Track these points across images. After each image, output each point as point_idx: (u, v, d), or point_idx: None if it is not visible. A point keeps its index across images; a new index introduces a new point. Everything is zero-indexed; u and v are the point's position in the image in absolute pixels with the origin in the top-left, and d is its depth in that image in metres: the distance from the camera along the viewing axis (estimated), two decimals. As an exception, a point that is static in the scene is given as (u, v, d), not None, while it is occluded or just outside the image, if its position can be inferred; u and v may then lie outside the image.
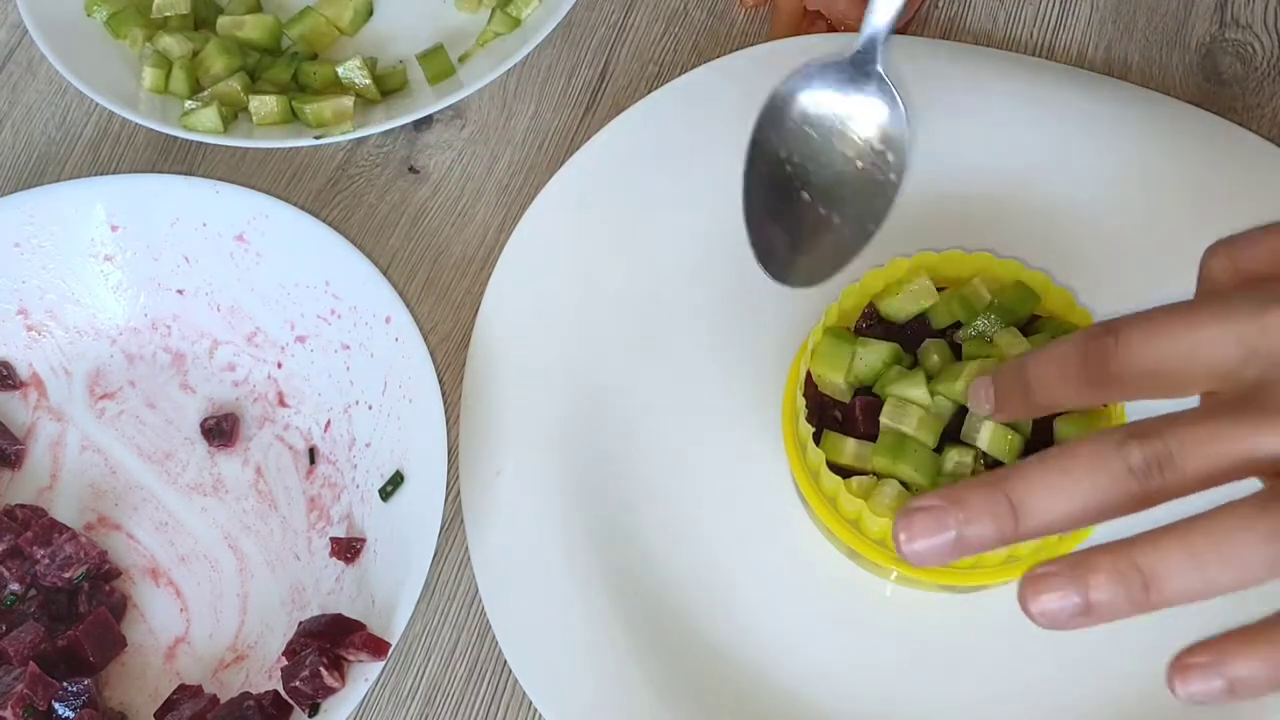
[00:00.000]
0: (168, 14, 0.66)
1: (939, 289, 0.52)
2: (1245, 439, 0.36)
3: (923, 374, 0.49)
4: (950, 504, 0.37)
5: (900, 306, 0.51)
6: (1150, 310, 0.38)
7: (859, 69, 0.50)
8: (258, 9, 0.67)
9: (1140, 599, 0.35)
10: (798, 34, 0.64)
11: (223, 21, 0.66)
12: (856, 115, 0.50)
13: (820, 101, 0.50)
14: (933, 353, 0.50)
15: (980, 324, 0.50)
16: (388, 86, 0.64)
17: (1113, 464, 0.36)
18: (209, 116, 0.62)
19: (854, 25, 0.64)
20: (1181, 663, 0.36)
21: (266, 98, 0.62)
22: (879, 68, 0.49)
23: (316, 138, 0.61)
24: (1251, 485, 0.36)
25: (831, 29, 0.65)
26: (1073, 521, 0.37)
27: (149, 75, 0.64)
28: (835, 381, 0.50)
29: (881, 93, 0.50)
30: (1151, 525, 0.36)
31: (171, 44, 0.64)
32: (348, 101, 0.62)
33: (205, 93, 0.63)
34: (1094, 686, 0.51)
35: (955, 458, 0.48)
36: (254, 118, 0.63)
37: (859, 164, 0.50)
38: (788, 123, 0.50)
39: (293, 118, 0.63)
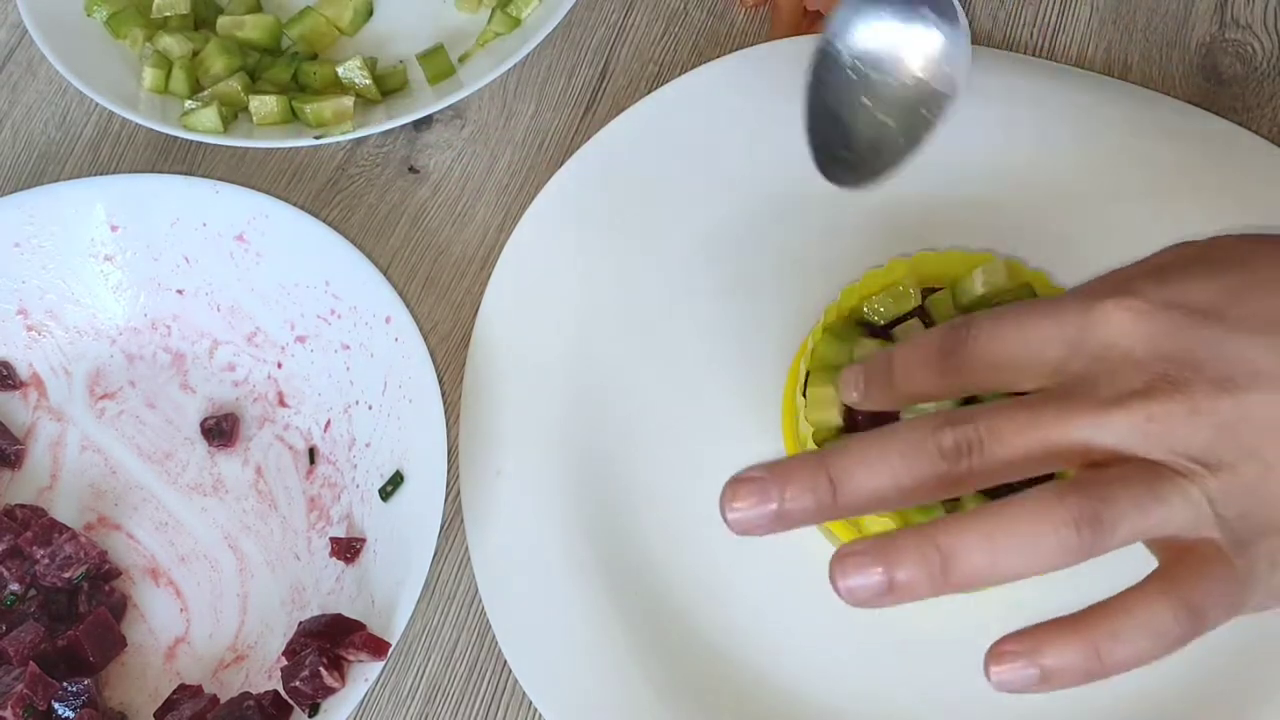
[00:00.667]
0: (168, 14, 0.66)
1: (937, 289, 0.52)
2: (1053, 427, 0.37)
3: None
4: (774, 477, 0.38)
5: (882, 308, 0.51)
6: (1002, 307, 0.40)
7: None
8: (258, 9, 0.67)
9: (939, 580, 0.36)
10: (798, 34, 0.64)
11: (223, 21, 0.66)
12: (919, 31, 0.50)
13: (887, 15, 0.50)
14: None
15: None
16: (388, 86, 0.64)
17: (926, 445, 0.37)
18: (209, 116, 0.62)
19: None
20: (997, 650, 0.37)
21: (266, 98, 0.62)
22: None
23: (316, 138, 0.61)
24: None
25: (832, 28, 0.65)
26: (887, 499, 0.38)
27: (149, 75, 0.64)
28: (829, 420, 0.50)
29: (944, 10, 0.50)
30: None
31: (172, 44, 0.64)
32: (348, 101, 0.62)
33: (205, 93, 0.63)
34: (1093, 686, 0.51)
35: None
36: (254, 117, 0.63)
37: (919, 75, 0.51)
38: (856, 31, 0.51)
39: (293, 118, 0.63)
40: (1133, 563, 0.38)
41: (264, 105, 0.62)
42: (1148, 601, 0.37)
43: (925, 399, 0.43)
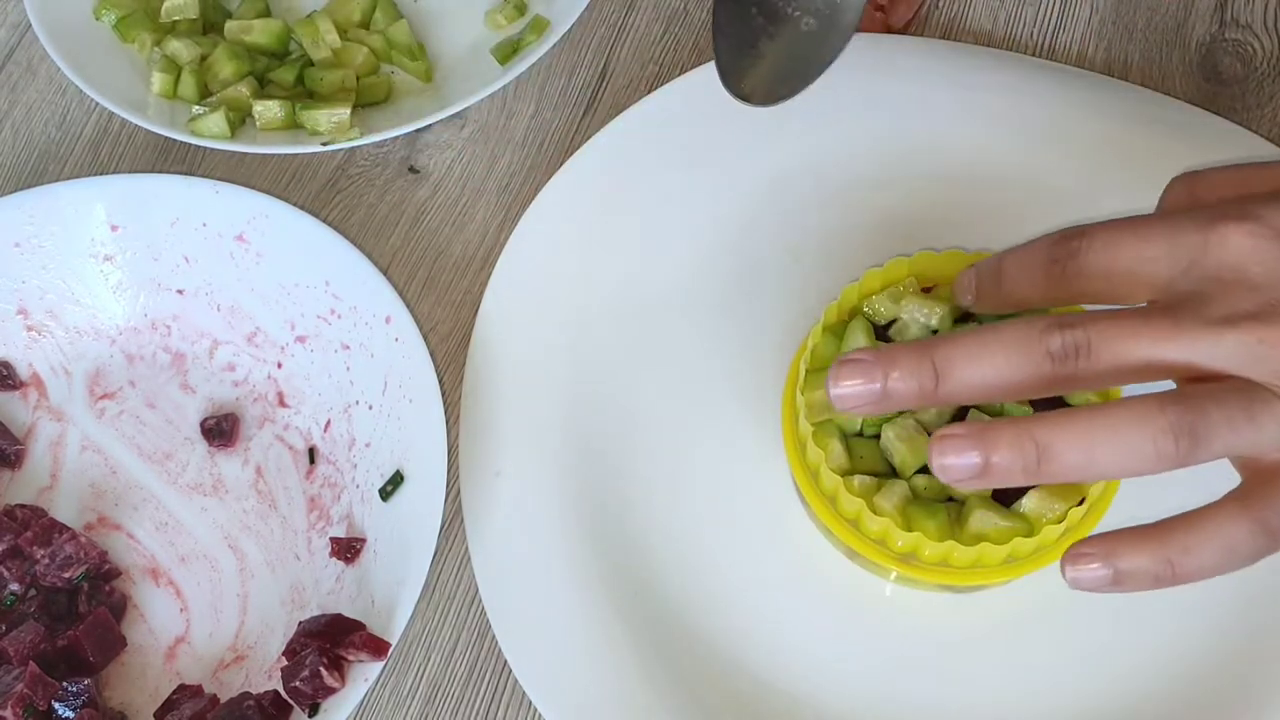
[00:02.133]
0: (176, 18, 0.66)
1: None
2: (1158, 342, 0.38)
3: None
4: (880, 359, 0.40)
5: (882, 308, 0.51)
6: (1118, 220, 0.41)
7: None
8: (267, 13, 0.67)
9: (1033, 469, 0.38)
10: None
11: (231, 26, 0.66)
12: None
13: None
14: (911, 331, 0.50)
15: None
16: (377, 96, 0.64)
17: (1033, 344, 0.38)
18: (216, 122, 0.62)
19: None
20: (1074, 551, 0.39)
21: (270, 103, 0.62)
22: None
23: (323, 144, 0.61)
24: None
25: (833, 28, 0.65)
26: (989, 391, 0.39)
27: (158, 80, 0.64)
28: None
29: None
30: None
31: (180, 49, 0.64)
32: (344, 113, 0.62)
33: (213, 98, 0.63)
34: (1094, 686, 0.51)
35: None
36: (258, 123, 0.63)
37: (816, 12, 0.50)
38: None
39: (296, 124, 0.63)
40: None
41: (268, 111, 0.62)
42: (1224, 517, 0.38)
43: (1030, 305, 0.43)
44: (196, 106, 0.63)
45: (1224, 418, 0.37)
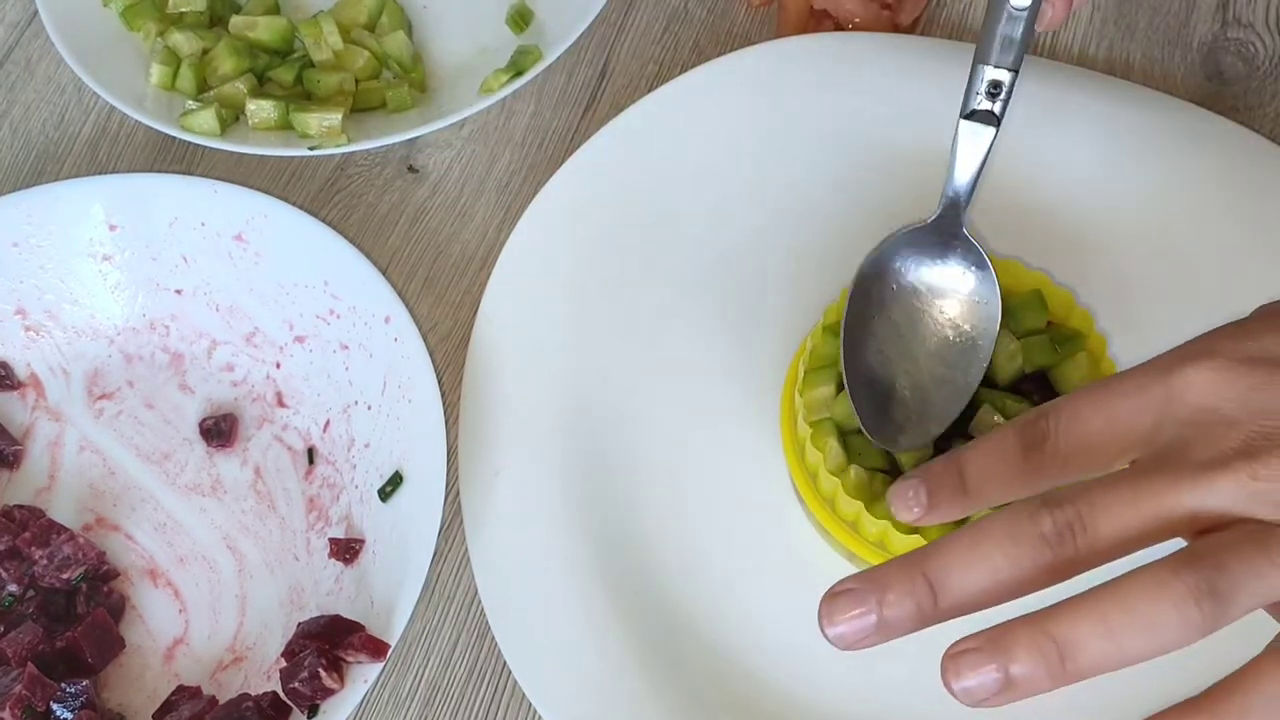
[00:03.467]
0: (184, 10, 0.66)
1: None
2: (1157, 498, 0.36)
3: None
4: (871, 585, 0.37)
5: None
6: (1076, 391, 0.39)
7: (945, 234, 0.50)
8: (275, 10, 0.67)
9: (1058, 671, 0.35)
10: (804, 33, 0.64)
11: (235, 21, 0.65)
12: (948, 281, 0.50)
13: (911, 271, 0.50)
14: None
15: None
16: (372, 102, 0.64)
17: (1026, 533, 0.36)
18: (206, 118, 0.61)
19: (861, 24, 0.64)
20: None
21: (264, 103, 0.62)
22: (964, 231, 0.50)
23: (311, 149, 0.61)
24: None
25: (839, 28, 0.65)
26: (990, 596, 0.36)
27: (156, 72, 0.63)
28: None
29: (968, 255, 0.50)
30: None
31: (181, 41, 0.64)
32: (335, 118, 0.61)
33: (209, 93, 0.63)
34: (1093, 687, 0.51)
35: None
36: (250, 122, 0.62)
37: (952, 329, 0.50)
38: (883, 293, 0.50)
39: (290, 125, 0.63)
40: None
41: (260, 110, 0.62)
42: (1267, 673, 0.35)
43: (1005, 500, 0.41)
44: (190, 101, 0.63)
45: (1244, 567, 0.34)
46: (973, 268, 0.50)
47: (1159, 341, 0.40)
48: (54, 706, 0.49)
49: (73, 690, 0.50)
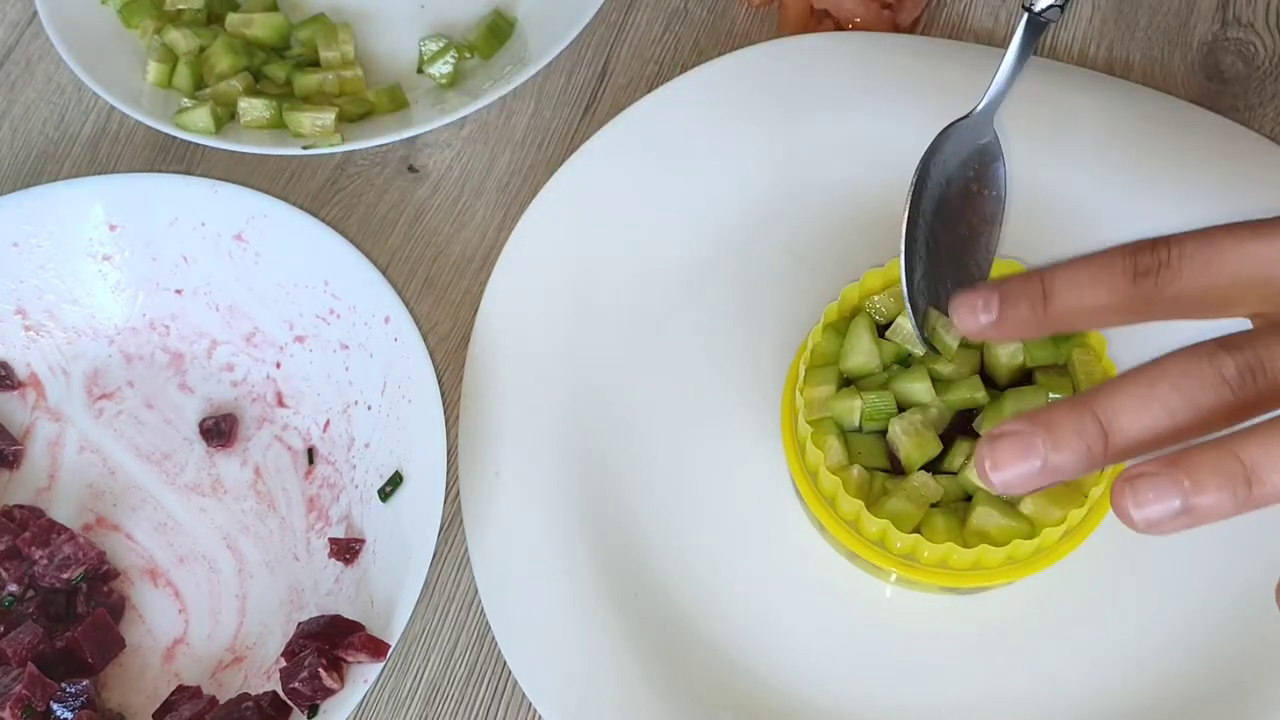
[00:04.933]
0: (181, 7, 0.66)
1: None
2: None
3: (924, 369, 0.49)
4: (1036, 427, 0.35)
5: (883, 307, 0.51)
6: (1203, 229, 0.37)
7: (982, 124, 0.54)
8: (274, 8, 0.67)
9: (1244, 496, 0.33)
10: (804, 33, 0.64)
11: (232, 19, 0.65)
12: (981, 163, 0.54)
13: (958, 154, 0.54)
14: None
15: None
16: (360, 107, 0.64)
17: (1205, 374, 0.34)
18: (202, 116, 0.61)
19: (861, 24, 0.64)
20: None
21: (255, 101, 0.62)
22: (994, 127, 0.54)
23: (304, 148, 0.61)
24: None
25: (839, 28, 0.65)
26: (1164, 437, 0.34)
27: (153, 69, 0.63)
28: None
29: (996, 143, 0.54)
30: None
31: (178, 38, 0.64)
32: (328, 117, 0.62)
33: (204, 91, 0.63)
34: (1093, 687, 0.51)
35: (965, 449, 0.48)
36: (242, 120, 0.62)
37: (985, 194, 0.54)
38: (940, 167, 0.53)
39: (283, 124, 0.63)
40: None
41: (252, 109, 0.62)
42: None
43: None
44: (186, 99, 0.63)
45: None
46: (999, 151, 0.54)
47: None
48: (54, 706, 0.49)
49: (73, 690, 0.50)
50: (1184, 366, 0.34)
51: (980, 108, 0.54)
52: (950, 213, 0.53)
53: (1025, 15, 0.53)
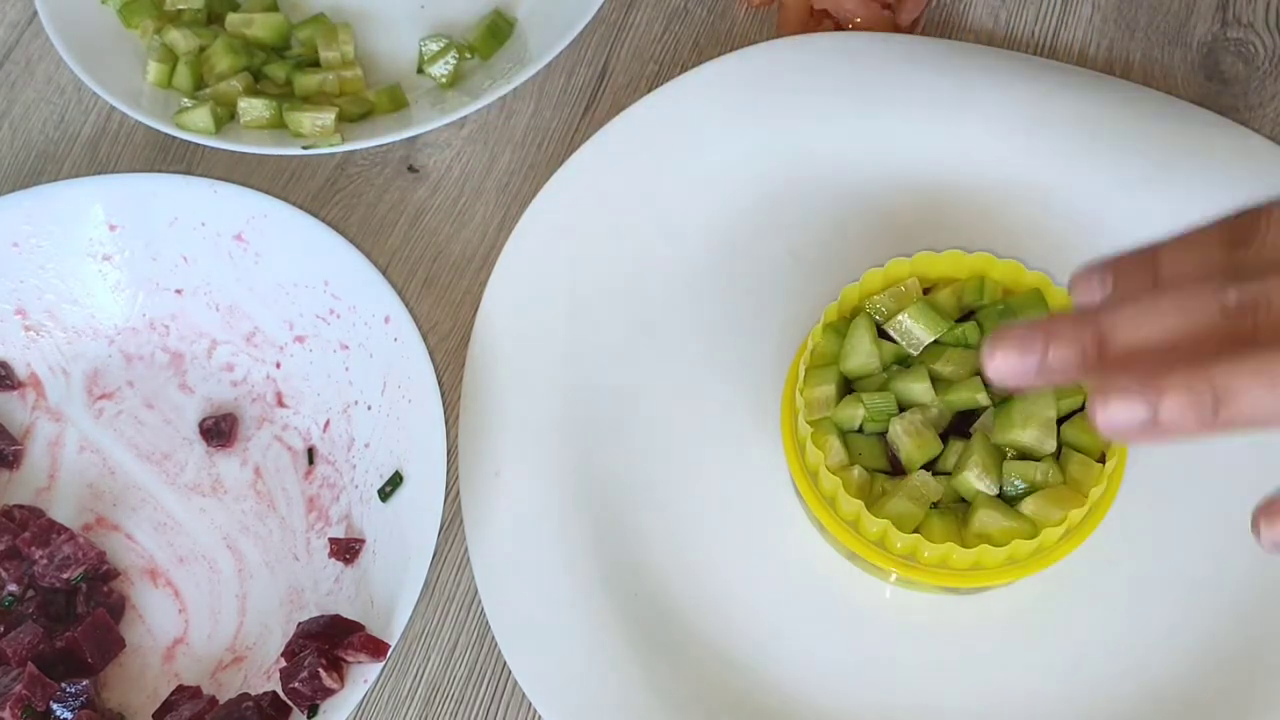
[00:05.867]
0: (181, 7, 0.66)
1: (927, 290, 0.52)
2: None
3: (925, 369, 0.49)
4: (1039, 329, 0.37)
5: (884, 307, 0.51)
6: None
7: None
8: (274, 8, 0.67)
9: (1208, 418, 0.34)
10: (804, 33, 0.64)
11: (232, 19, 0.65)
12: None
13: None
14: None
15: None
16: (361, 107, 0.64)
17: (1207, 301, 0.35)
18: (201, 116, 0.61)
19: (861, 24, 0.64)
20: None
21: (255, 101, 0.62)
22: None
23: (305, 148, 0.61)
24: None
25: (839, 28, 0.65)
26: (1157, 351, 0.35)
27: (153, 69, 0.63)
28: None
29: None
30: None
31: (178, 38, 0.64)
32: (328, 117, 0.62)
33: (204, 91, 0.63)
34: (1092, 687, 0.51)
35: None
36: (242, 120, 0.62)
37: None
38: None
39: (283, 124, 0.63)
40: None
41: (252, 108, 0.62)
42: None
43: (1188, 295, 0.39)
44: (186, 99, 0.63)
45: None
46: None
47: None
48: (54, 706, 0.49)
49: (73, 690, 0.50)
50: (1190, 291, 0.36)
51: None
52: None
53: None
